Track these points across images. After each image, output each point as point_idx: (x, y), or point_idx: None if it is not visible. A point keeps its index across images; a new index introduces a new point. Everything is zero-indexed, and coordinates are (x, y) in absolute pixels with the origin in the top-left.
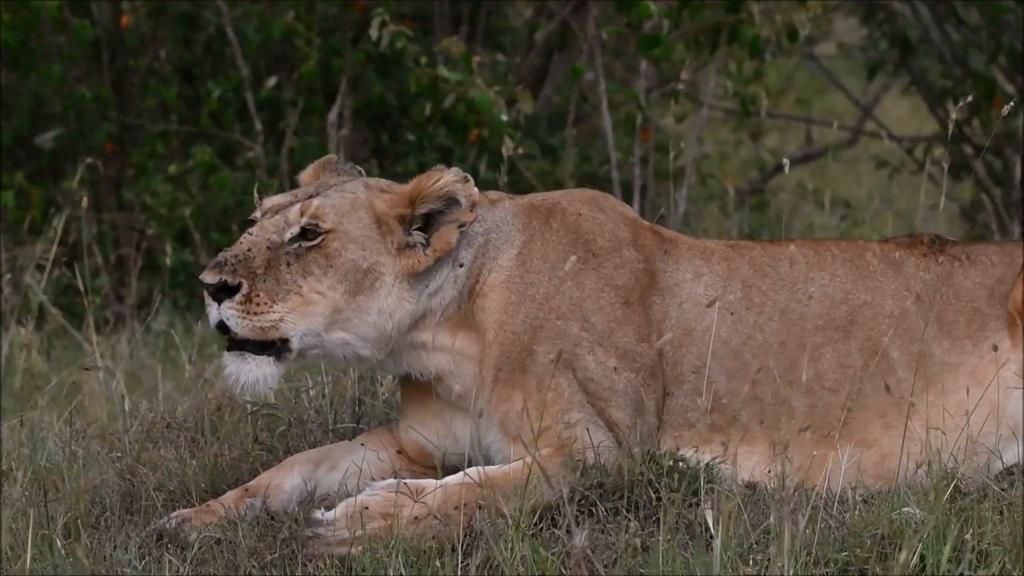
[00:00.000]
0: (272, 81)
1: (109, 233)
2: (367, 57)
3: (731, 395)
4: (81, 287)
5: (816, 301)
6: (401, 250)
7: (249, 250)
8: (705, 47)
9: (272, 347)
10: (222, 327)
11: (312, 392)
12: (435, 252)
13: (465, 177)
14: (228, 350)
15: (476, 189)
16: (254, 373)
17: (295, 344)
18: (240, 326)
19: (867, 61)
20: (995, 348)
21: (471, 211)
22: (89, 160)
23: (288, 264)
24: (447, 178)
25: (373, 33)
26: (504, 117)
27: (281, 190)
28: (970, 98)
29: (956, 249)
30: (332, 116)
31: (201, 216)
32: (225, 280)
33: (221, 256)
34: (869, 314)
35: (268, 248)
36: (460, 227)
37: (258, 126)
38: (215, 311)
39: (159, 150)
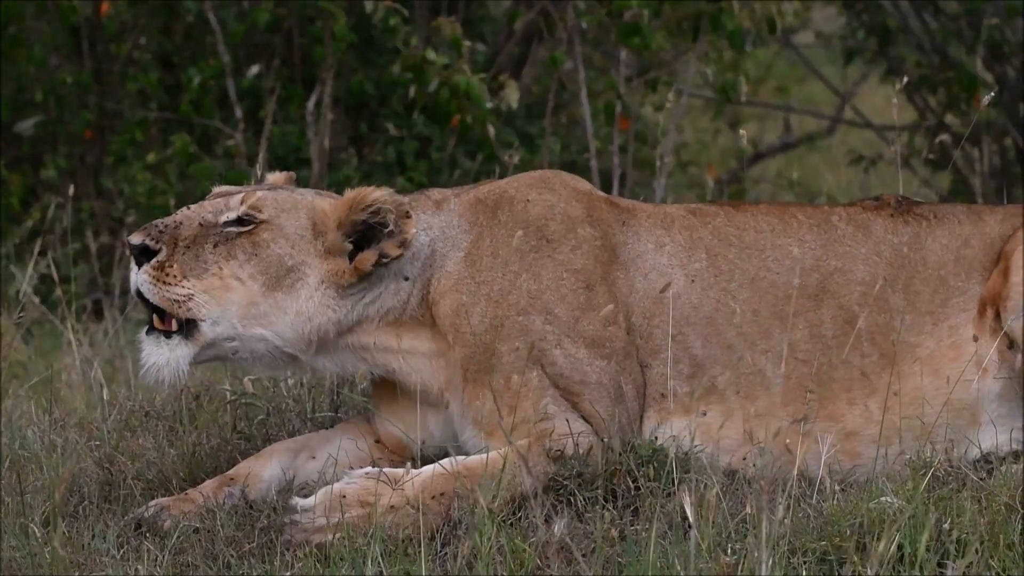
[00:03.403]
0: (254, 70)
1: (88, 221)
2: (348, 45)
3: (708, 360)
4: (56, 276)
5: (786, 269)
6: (331, 253)
7: (181, 222)
8: (685, 36)
9: (182, 329)
10: (140, 294)
11: (291, 381)
12: (355, 271)
13: (407, 213)
14: (147, 333)
15: (413, 230)
16: (164, 356)
17: (206, 329)
18: (150, 292)
19: (845, 50)
20: (975, 339)
21: (398, 247)
22: (66, 154)
23: (215, 245)
24: (378, 194)
25: (368, 6)
26: (489, 104)
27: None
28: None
29: (923, 209)
30: (311, 105)
31: (180, 205)
32: (147, 243)
33: (153, 222)
34: (841, 281)
35: (200, 225)
36: (382, 257)
37: (238, 114)
38: (135, 274)
39: (138, 138)
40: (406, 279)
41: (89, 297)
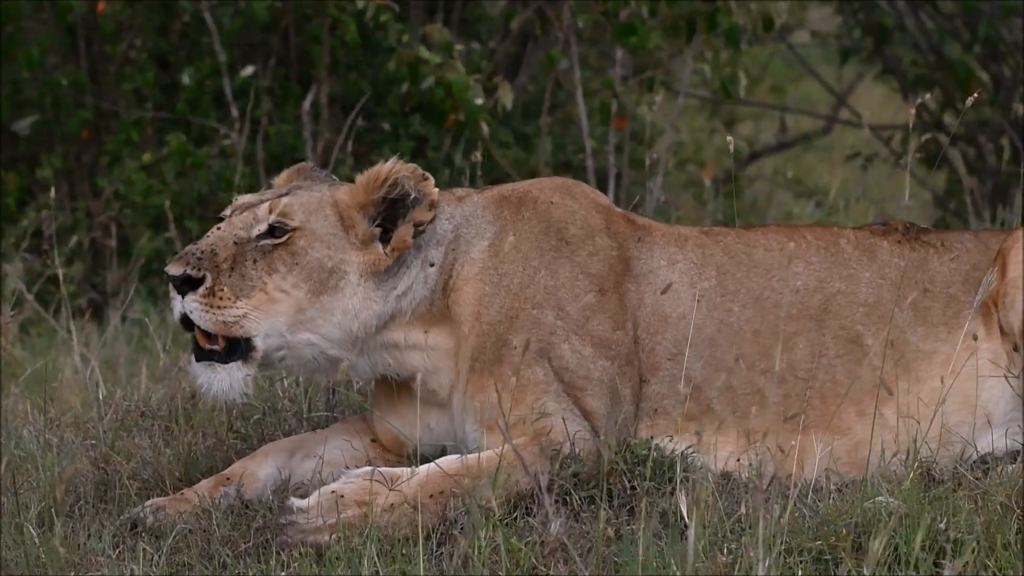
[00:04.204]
0: (248, 70)
1: (84, 221)
2: (343, 44)
3: (706, 383)
4: (60, 275)
5: (790, 289)
6: (365, 243)
7: (216, 244)
8: (681, 35)
9: (237, 349)
10: (186, 321)
11: (286, 381)
12: (394, 251)
13: (424, 175)
14: (197, 360)
15: (435, 189)
16: (226, 381)
17: (259, 344)
18: (203, 319)
19: (841, 49)
20: (975, 338)
21: (428, 210)
22: (62, 154)
23: (254, 261)
24: (388, 166)
25: (359, 3)
26: (479, 101)
27: (257, 177)
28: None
29: (931, 236)
30: (307, 104)
31: (175, 204)
32: (189, 273)
33: (187, 249)
34: (843, 302)
35: (235, 244)
36: (417, 226)
37: (234, 113)
38: (179, 304)
39: (134, 138)
40: (432, 265)
41: (85, 297)
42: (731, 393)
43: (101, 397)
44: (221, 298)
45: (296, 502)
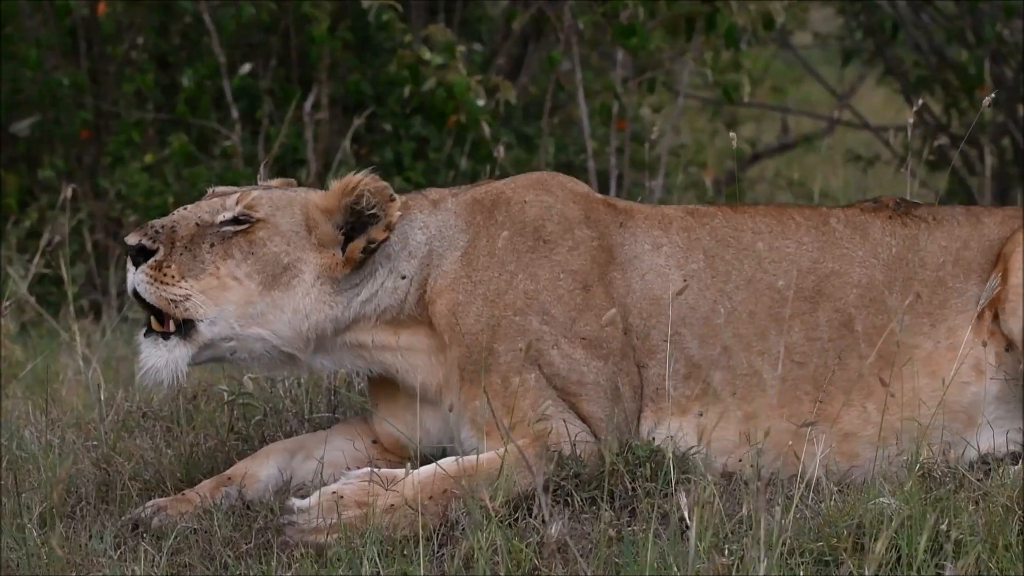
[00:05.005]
0: (246, 68)
1: (85, 221)
2: (344, 44)
3: (705, 360)
4: (65, 275)
5: (783, 271)
6: (324, 245)
7: (178, 222)
8: (681, 36)
9: (181, 330)
10: (137, 294)
11: (288, 382)
12: (348, 262)
13: (391, 196)
14: (145, 335)
15: (397, 213)
16: (163, 358)
17: (204, 329)
18: (147, 292)
19: (842, 50)
20: (984, 344)
21: (383, 231)
22: (63, 155)
23: (211, 244)
24: (359, 178)
25: (365, 3)
26: (481, 102)
27: (256, 178)
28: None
29: (921, 211)
30: (308, 105)
31: (177, 205)
32: (144, 243)
33: (149, 222)
34: (837, 284)
35: (197, 225)
36: (370, 242)
37: (235, 114)
38: (132, 275)
39: (135, 139)
40: (403, 277)
41: (87, 297)
42: (730, 374)
43: (102, 398)
44: (166, 274)
45: (296, 503)
